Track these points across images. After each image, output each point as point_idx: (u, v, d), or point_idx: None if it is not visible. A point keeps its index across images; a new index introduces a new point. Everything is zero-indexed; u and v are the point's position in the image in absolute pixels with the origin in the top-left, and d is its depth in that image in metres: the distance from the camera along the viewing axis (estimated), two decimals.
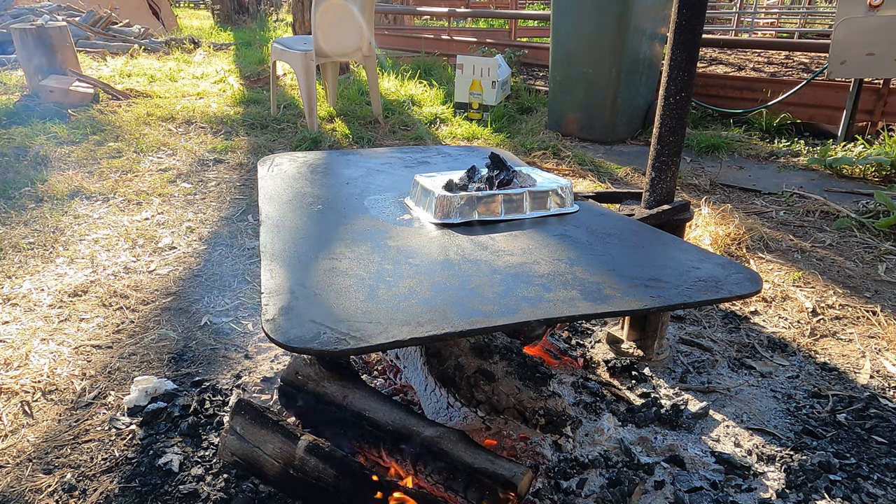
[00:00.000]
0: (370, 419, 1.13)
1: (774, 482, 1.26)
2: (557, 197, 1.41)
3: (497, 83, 4.34)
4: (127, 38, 6.66)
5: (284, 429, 1.12)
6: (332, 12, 3.67)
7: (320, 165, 1.79)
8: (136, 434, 1.37)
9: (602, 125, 3.93)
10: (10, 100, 4.24)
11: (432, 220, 1.33)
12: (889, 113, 3.78)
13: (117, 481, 1.24)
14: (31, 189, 2.79)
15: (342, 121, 4.11)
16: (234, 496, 1.19)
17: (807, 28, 8.80)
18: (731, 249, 2.34)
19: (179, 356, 1.67)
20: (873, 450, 1.36)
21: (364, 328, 0.89)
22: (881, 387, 1.59)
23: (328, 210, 1.40)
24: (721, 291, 1.03)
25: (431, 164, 1.78)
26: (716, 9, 10.45)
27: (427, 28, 8.77)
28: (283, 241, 1.21)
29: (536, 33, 8.67)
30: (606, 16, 3.63)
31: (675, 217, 1.62)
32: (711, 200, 2.83)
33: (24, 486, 1.23)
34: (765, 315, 1.93)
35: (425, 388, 1.33)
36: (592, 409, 1.43)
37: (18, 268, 2.12)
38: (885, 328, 1.85)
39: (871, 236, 2.49)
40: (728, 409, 1.49)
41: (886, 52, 3.36)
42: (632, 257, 1.20)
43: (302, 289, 1.01)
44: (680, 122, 1.54)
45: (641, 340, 1.66)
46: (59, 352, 1.67)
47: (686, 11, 1.45)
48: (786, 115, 4.05)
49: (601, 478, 1.23)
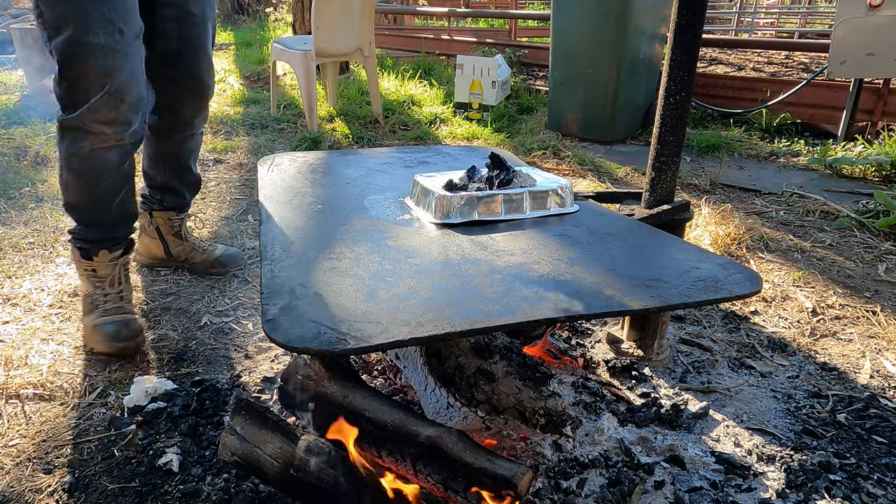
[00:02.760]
0: (370, 419, 1.13)
1: (774, 482, 1.26)
2: (557, 197, 1.41)
3: (497, 83, 4.34)
4: None
5: (284, 429, 1.12)
6: (331, 12, 3.67)
7: (320, 165, 1.79)
8: (136, 434, 1.37)
9: (602, 125, 3.93)
10: (10, 100, 4.24)
11: (432, 220, 1.33)
12: (889, 113, 3.78)
13: (117, 481, 1.24)
14: (31, 189, 2.79)
15: (342, 121, 4.11)
16: (234, 496, 1.19)
17: (807, 28, 8.80)
18: (731, 249, 2.34)
19: (179, 356, 1.67)
20: (873, 450, 1.36)
21: (364, 328, 0.89)
22: (881, 387, 1.59)
23: (328, 210, 1.40)
24: (721, 291, 1.03)
25: (431, 164, 1.78)
26: (716, 9, 10.46)
27: (427, 28, 8.77)
28: (282, 241, 1.22)
29: (536, 33, 8.67)
30: (606, 16, 3.63)
31: (675, 217, 1.62)
32: (711, 200, 2.83)
33: (24, 486, 1.23)
34: (765, 315, 1.94)
35: (425, 388, 1.33)
36: (592, 409, 1.43)
37: (18, 268, 2.12)
38: (885, 328, 1.85)
39: (871, 236, 2.49)
40: (728, 409, 1.49)
41: (886, 52, 3.36)
42: (632, 257, 1.20)
43: (302, 289, 1.01)
44: (680, 121, 1.54)
45: (641, 340, 1.66)
46: (59, 352, 1.67)
47: (686, 11, 1.45)
48: (786, 115, 4.05)
49: (601, 478, 1.23)
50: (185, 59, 1.72)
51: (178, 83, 1.74)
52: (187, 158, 1.94)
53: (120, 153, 1.56)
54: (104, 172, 1.56)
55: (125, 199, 1.65)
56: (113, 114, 1.47)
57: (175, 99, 1.77)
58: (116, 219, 1.67)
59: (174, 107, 1.79)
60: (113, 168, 1.57)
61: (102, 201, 1.61)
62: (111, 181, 1.59)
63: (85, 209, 1.64)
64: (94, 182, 1.57)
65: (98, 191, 1.59)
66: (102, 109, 1.46)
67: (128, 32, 1.44)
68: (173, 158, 1.91)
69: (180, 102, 1.78)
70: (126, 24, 1.43)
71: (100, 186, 1.58)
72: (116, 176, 1.59)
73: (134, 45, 1.47)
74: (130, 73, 1.47)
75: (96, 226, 1.65)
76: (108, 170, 1.56)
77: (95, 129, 1.49)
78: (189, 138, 1.89)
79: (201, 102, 1.83)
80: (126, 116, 1.50)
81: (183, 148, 1.90)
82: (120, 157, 1.57)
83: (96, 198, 1.61)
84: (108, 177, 1.58)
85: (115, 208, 1.63)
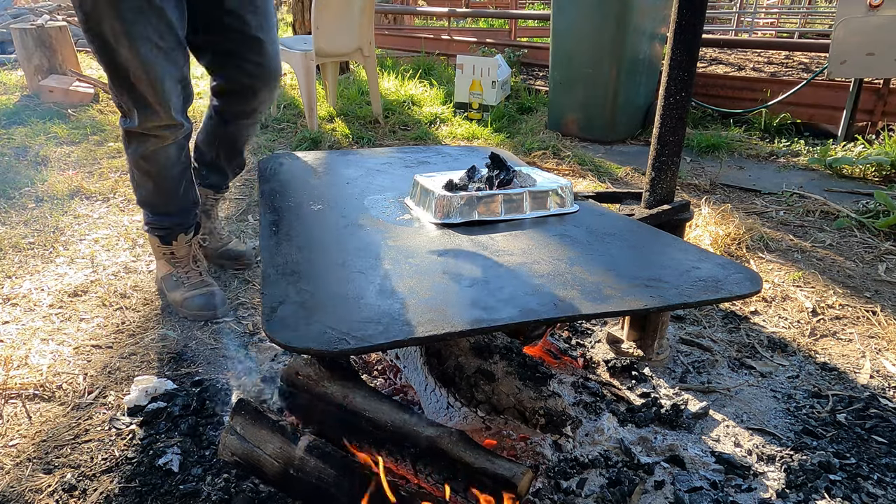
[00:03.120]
0: (370, 419, 1.13)
1: (774, 482, 1.26)
2: (557, 197, 1.41)
3: (497, 83, 4.34)
4: None
5: (284, 429, 1.12)
6: (331, 12, 3.67)
7: (320, 165, 1.79)
8: (136, 434, 1.37)
9: (602, 125, 3.93)
10: (10, 100, 4.24)
11: (432, 220, 1.33)
12: (889, 113, 3.78)
13: (117, 481, 1.24)
14: (31, 189, 2.79)
15: (342, 121, 4.11)
16: (234, 496, 1.19)
17: (807, 28, 8.80)
18: (731, 249, 2.34)
19: (179, 356, 1.67)
20: (873, 450, 1.36)
21: (364, 328, 0.89)
22: (881, 387, 1.59)
23: (328, 210, 1.40)
24: (721, 291, 1.03)
25: (431, 164, 1.78)
26: (716, 9, 10.46)
27: (427, 28, 8.77)
28: (282, 241, 1.22)
29: (536, 33, 8.67)
30: (606, 16, 3.63)
31: (675, 217, 1.62)
32: (711, 200, 2.83)
33: (24, 486, 1.23)
34: (765, 315, 1.94)
35: (425, 388, 1.33)
36: (592, 409, 1.43)
37: (18, 268, 2.12)
38: (885, 328, 1.85)
39: (871, 236, 2.49)
40: (728, 409, 1.49)
41: (886, 52, 3.36)
42: (632, 257, 1.20)
43: (302, 289, 1.01)
44: (680, 121, 1.54)
45: (641, 340, 1.66)
46: (59, 352, 1.67)
47: (686, 11, 1.45)
48: (786, 115, 4.05)
49: (601, 478, 1.23)
50: (251, 47, 1.80)
51: (246, 71, 1.83)
52: (243, 142, 2.06)
53: (177, 147, 1.75)
54: (168, 167, 1.75)
55: (188, 187, 1.85)
56: (165, 119, 1.63)
57: (243, 85, 1.87)
58: (185, 205, 1.86)
59: (243, 93, 1.89)
60: (175, 162, 1.76)
61: (170, 192, 1.81)
62: (174, 173, 1.78)
63: (157, 202, 1.83)
64: (160, 177, 1.76)
65: (165, 183, 1.78)
66: (154, 117, 1.62)
67: (165, 46, 1.56)
68: (231, 141, 2.03)
69: (249, 88, 1.88)
70: (162, 38, 1.55)
71: (166, 179, 1.77)
72: (178, 167, 1.78)
73: (174, 56, 1.59)
74: (174, 80, 1.61)
75: (169, 214, 1.85)
76: (171, 164, 1.75)
77: (154, 132, 1.66)
78: (252, 123, 2.02)
79: (268, 88, 1.92)
80: (176, 119, 1.66)
81: (242, 132, 2.02)
82: (178, 151, 1.76)
83: (165, 190, 1.80)
84: (171, 170, 1.76)
85: (182, 196, 1.83)
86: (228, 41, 1.77)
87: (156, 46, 1.53)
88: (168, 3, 1.54)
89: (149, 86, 1.56)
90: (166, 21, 1.54)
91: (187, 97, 1.70)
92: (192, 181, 1.86)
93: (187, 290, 1.88)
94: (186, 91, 1.69)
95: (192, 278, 1.90)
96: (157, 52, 1.54)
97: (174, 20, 1.57)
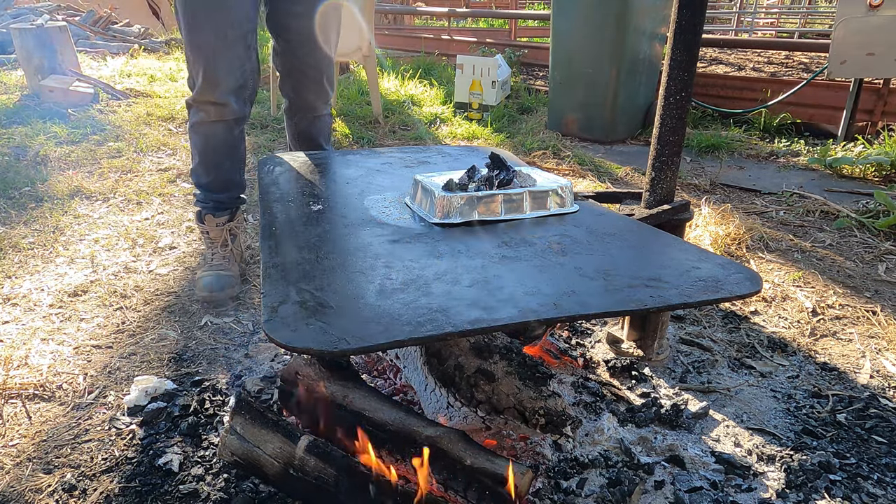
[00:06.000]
0: (370, 419, 1.13)
1: (774, 482, 1.26)
2: (557, 197, 1.41)
3: (497, 83, 4.34)
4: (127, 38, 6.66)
5: (284, 429, 1.12)
6: None
7: (320, 165, 1.79)
8: (136, 434, 1.37)
9: (602, 125, 3.93)
10: (10, 100, 4.24)
11: (432, 220, 1.33)
12: (889, 113, 3.79)
13: (117, 481, 1.24)
14: (31, 189, 2.79)
15: (342, 121, 4.11)
16: (234, 496, 1.19)
17: (807, 28, 8.80)
18: (731, 249, 2.34)
19: (179, 356, 1.67)
20: (873, 450, 1.36)
21: (364, 328, 0.89)
22: (881, 387, 1.59)
23: (328, 210, 1.40)
24: (721, 291, 1.03)
25: (431, 164, 1.78)
26: (716, 9, 10.45)
27: (427, 28, 8.77)
28: (282, 241, 1.22)
29: (536, 33, 8.67)
30: (606, 16, 3.63)
31: (675, 217, 1.62)
32: (711, 200, 2.83)
33: (24, 486, 1.23)
34: (765, 315, 1.94)
35: (425, 388, 1.33)
36: (592, 409, 1.43)
37: (18, 268, 2.12)
38: (885, 328, 1.85)
39: (871, 236, 2.49)
40: (728, 409, 1.49)
41: (886, 52, 3.36)
42: (632, 257, 1.20)
43: (302, 289, 1.01)
44: (680, 121, 1.54)
45: (641, 340, 1.66)
46: (59, 352, 1.67)
47: (686, 11, 1.45)
48: (786, 115, 4.05)
49: (601, 478, 1.23)
50: (305, 49, 2.02)
51: (301, 71, 2.06)
52: (317, 136, 2.23)
53: (224, 127, 1.90)
54: (212, 143, 1.91)
55: (230, 169, 1.99)
56: (211, 96, 1.83)
57: (299, 84, 2.10)
58: (220, 184, 2.00)
59: (299, 91, 2.12)
60: (220, 140, 1.92)
61: (210, 168, 1.96)
62: (216, 150, 1.93)
63: (200, 174, 1.99)
64: (203, 151, 1.94)
65: (206, 158, 1.94)
66: (204, 92, 1.83)
67: (230, 35, 1.77)
68: (307, 137, 2.23)
69: (304, 87, 2.10)
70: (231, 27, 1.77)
71: (207, 154, 1.94)
72: (222, 147, 1.93)
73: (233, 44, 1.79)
74: (229, 64, 1.80)
75: (205, 189, 2.00)
76: (215, 142, 1.91)
77: (203, 107, 1.86)
78: (316, 119, 2.20)
79: (320, 86, 2.12)
80: (223, 98, 1.83)
81: (312, 127, 2.21)
82: (224, 131, 1.91)
83: (206, 165, 1.96)
84: (215, 148, 1.92)
85: (220, 175, 1.97)
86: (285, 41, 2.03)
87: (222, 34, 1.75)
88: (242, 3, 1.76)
89: (206, 64, 1.78)
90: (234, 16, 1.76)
91: (245, 85, 1.87)
92: (239, 167, 2.01)
93: (205, 270, 1.96)
94: (245, 79, 1.86)
95: (214, 259, 1.98)
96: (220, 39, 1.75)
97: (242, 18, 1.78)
